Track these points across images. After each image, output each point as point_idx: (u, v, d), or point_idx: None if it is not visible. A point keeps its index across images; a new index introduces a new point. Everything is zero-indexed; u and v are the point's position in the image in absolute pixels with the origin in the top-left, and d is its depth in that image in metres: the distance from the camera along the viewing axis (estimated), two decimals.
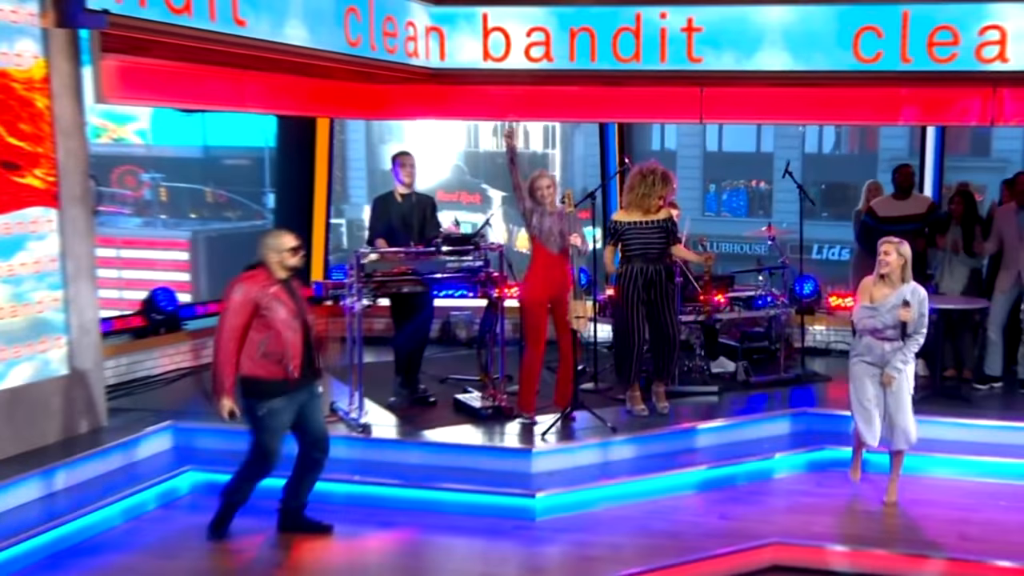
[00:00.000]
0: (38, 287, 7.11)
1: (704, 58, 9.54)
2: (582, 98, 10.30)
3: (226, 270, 17.04)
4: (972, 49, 9.03)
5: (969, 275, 8.98)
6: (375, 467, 7.24)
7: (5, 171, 6.74)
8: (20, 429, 6.90)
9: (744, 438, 7.86)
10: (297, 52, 8.14)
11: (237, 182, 27.98)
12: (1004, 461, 7.56)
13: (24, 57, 6.90)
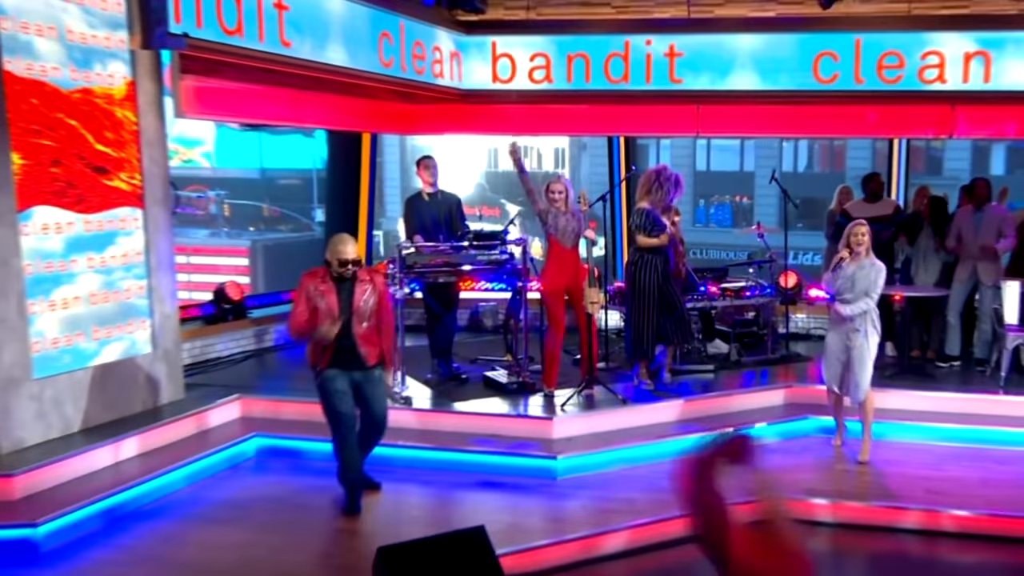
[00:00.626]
0: (126, 277, 7.14)
1: (684, 79, 9.55)
2: (583, 115, 10.25)
3: (279, 273, 17.16)
4: (915, 71, 9.11)
5: (941, 268, 8.94)
6: (416, 433, 7.22)
7: (96, 174, 6.80)
8: (111, 399, 6.96)
9: (738, 408, 7.84)
10: (337, 71, 8.09)
11: (289, 199, 28.19)
12: (963, 427, 7.55)
13: (115, 77, 6.96)
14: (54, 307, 6.55)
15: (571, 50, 9.69)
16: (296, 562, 5.34)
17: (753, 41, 9.43)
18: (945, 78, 9.07)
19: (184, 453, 6.72)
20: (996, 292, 8.52)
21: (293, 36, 7.48)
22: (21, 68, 6.22)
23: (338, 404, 5.93)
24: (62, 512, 5.59)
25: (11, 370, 6.21)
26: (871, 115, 9.67)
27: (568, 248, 7.56)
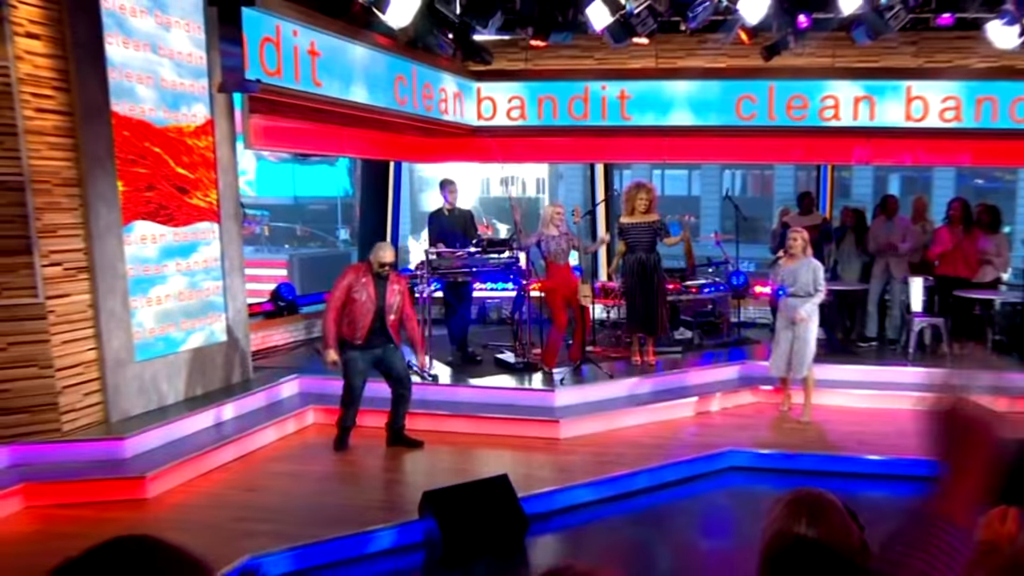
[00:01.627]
0: (206, 278, 7.15)
1: (633, 117, 9.61)
2: (564, 146, 10.26)
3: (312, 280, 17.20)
4: (816, 111, 9.25)
5: (861, 267, 9.06)
6: (443, 404, 7.20)
7: (179, 194, 6.81)
8: (196, 378, 6.96)
9: (701, 382, 7.83)
10: (360, 107, 7.99)
11: (318, 221, 28.10)
12: (881, 392, 7.59)
13: (197, 116, 6.99)
14: (151, 303, 6.57)
15: (541, 93, 9.77)
16: (357, 504, 5.38)
17: (688, 86, 9.53)
18: (840, 116, 9.24)
19: (257, 420, 6.73)
20: (904, 286, 8.64)
21: (323, 77, 7.45)
22: (125, 109, 6.27)
23: (355, 378, 6.19)
24: (165, 466, 5.62)
25: (118, 354, 6.23)
26: (788, 146, 9.82)
27: (562, 264, 7.63)
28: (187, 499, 5.44)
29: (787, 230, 9.21)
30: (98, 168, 6.05)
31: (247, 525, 4.94)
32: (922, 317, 8.35)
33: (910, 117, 9.15)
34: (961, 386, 1.19)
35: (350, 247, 25.83)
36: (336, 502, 5.38)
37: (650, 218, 7.81)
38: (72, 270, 5.97)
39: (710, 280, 9.19)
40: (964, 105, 9.03)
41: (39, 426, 5.76)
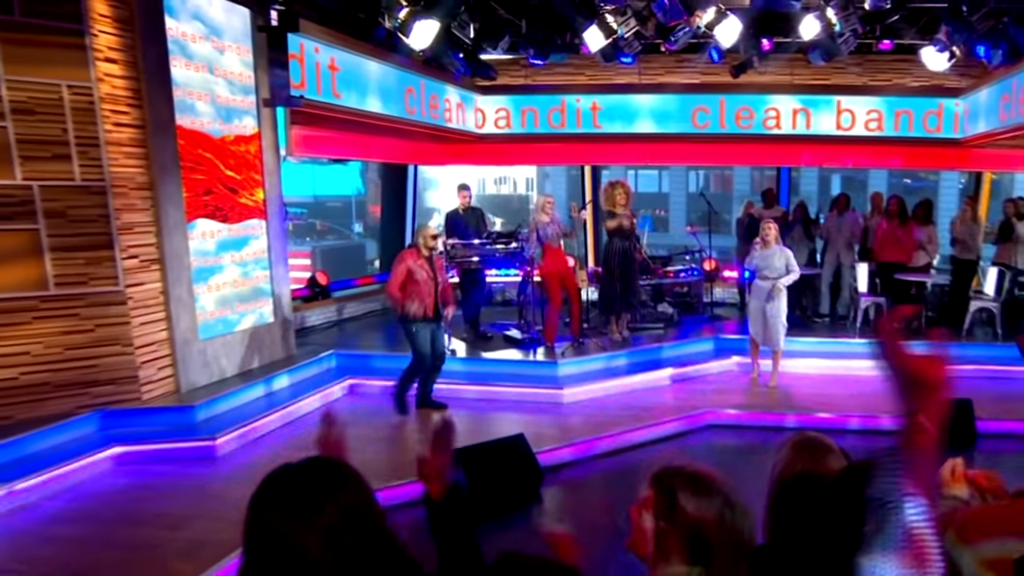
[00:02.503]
0: (255, 268, 7.25)
1: (603, 126, 9.71)
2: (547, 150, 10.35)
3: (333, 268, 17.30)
4: (761, 121, 9.41)
5: (808, 252, 9.24)
6: (460, 374, 7.25)
7: (231, 194, 6.88)
8: (249, 354, 7.08)
9: (683, 353, 7.94)
10: (380, 117, 8.00)
11: (334, 217, 28.05)
12: (834, 361, 7.74)
13: (247, 128, 7.06)
14: (210, 290, 6.68)
15: (524, 105, 9.85)
16: (396, 460, 5.52)
17: (650, 99, 9.65)
18: (780, 125, 9.41)
19: (302, 390, 6.85)
20: (852, 270, 8.83)
21: (342, 90, 7.46)
22: (187, 123, 6.35)
23: (423, 346, 6.20)
24: (230, 430, 5.78)
25: (185, 334, 6.35)
26: (740, 150, 9.91)
27: (556, 248, 7.72)
28: (249, 457, 5.59)
29: (753, 220, 9.43)
30: (165, 174, 6.15)
31: None
32: (867, 297, 8.53)
33: (840, 127, 9.34)
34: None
35: (364, 239, 25.87)
36: (376, 459, 5.51)
37: (627, 212, 7.89)
38: (146, 262, 6.09)
39: (686, 266, 9.32)
40: (885, 117, 9.25)
41: (123, 395, 5.90)
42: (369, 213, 27.31)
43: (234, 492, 4.81)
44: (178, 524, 4.41)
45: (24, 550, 4.10)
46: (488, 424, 6.34)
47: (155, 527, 4.38)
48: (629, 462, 5.82)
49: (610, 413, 6.48)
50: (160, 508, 4.64)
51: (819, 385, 7.21)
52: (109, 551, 4.07)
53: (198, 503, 4.73)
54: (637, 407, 6.62)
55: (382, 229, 11.76)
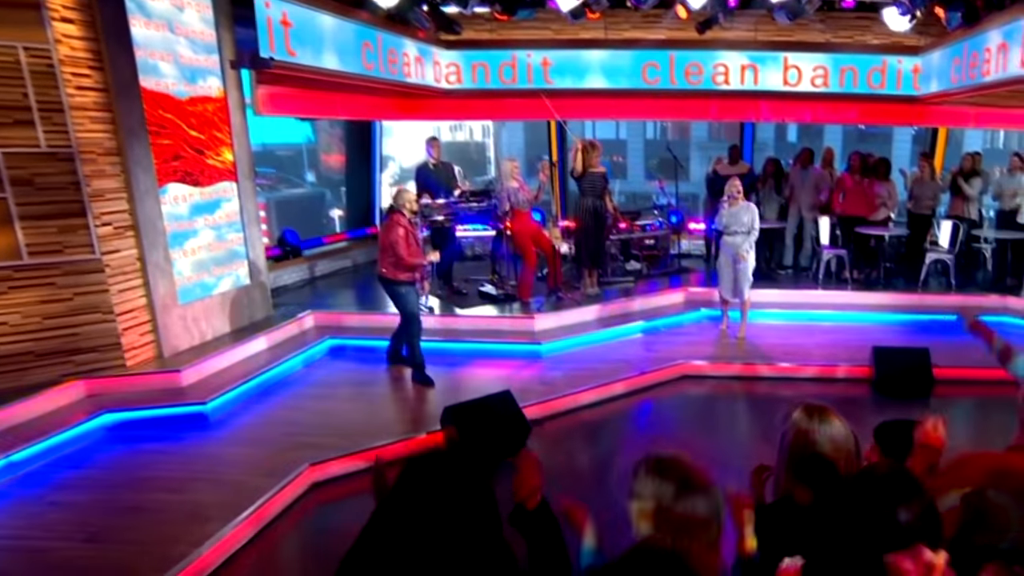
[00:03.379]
0: (229, 231, 7.28)
1: (554, 81, 9.64)
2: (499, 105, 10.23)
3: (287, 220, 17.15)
4: (710, 76, 9.51)
5: (778, 207, 9.58)
6: (439, 331, 7.43)
7: (198, 155, 6.80)
8: (228, 316, 7.17)
9: (652, 306, 8.22)
10: (334, 74, 7.68)
11: (285, 166, 27.47)
12: (798, 311, 8.12)
13: (212, 88, 6.99)
14: (186, 254, 6.72)
15: (475, 60, 9.69)
16: (385, 418, 5.74)
17: (601, 55, 9.63)
18: (729, 81, 9.52)
19: (285, 351, 6.96)
20: (815, 223, 9.19)
21: (297, 47, 7.11)
22: (152, 84, 6.28)
23: (414, 307, 6.33)
24: (219, 393, 5.91)
25: (165, 299, 6.41)
26: (692, 105, 10.04)
27: (526, 211, 7.89)
28: (242, 419, 5.73)
29: (718, 176, 9.69)
30: (133, 138, 6.10)
31: (298, 438, 5.27)
32: (829, 249, 8.92)
33: (787, 83, 9.49)
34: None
35: (318, 188, 25.36)
36: (367, 417, 5.72)
37: (599, 170, 8.09)
38: (120, 228, 6.10)
39: (654, 220, 9.56)
40: (831, 73, 9.43)
41: (107, 362, 5.99)
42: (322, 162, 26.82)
43: (230, 455, 5.04)
44: (180, 488, 4.58)
45: (34, 517, 4.24)
46: (471, 379, 6.54)
47: (158, 491, 4.54)
48: (610, 412, 6.16)
49: (588, 366, 6.74)
50: (160, 473, 4.79)
51: (784, 335, 7.57)
52: (119, 515, 4.24)
53: (196, 467, 4.88)
54: (613, 360, 6.90)
55: (348, 185, 11.75)
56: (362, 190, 11.40)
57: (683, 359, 6.87)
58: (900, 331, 7.68)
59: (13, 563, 3.77)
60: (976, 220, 9.17)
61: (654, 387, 6.57)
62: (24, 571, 3.71)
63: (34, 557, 3.82)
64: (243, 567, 4.01)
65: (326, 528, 4.45)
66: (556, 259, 8.10)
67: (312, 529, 4.47)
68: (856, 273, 8.92)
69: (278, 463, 4.84)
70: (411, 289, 6.28)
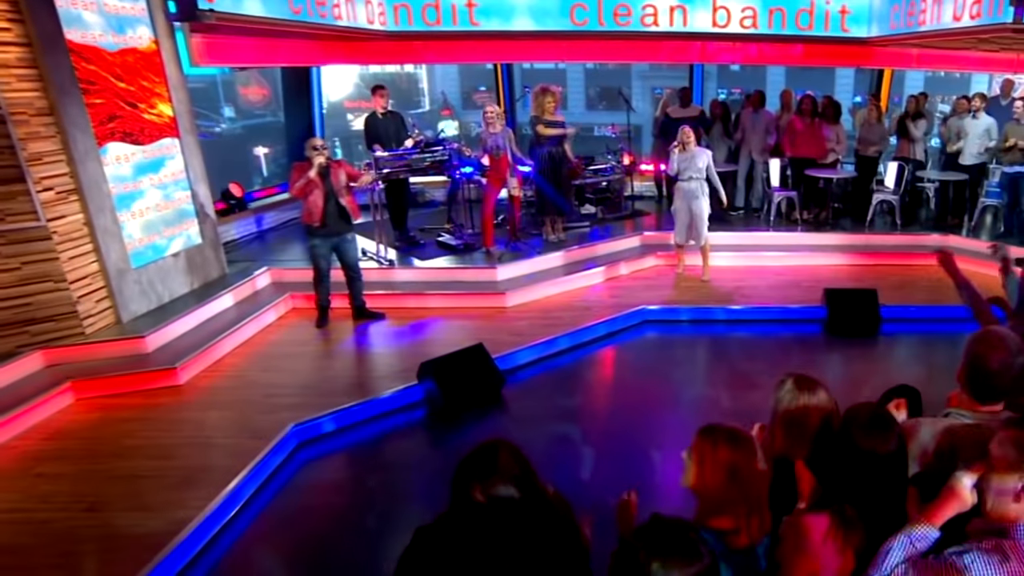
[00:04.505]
0: (176, 189, 7.32)
1: (480, 23, 9.70)
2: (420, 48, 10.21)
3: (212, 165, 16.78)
4: (639, 18, 9.72)
5: (728, 150, 10.07)
6: (401, 284, 7.72)
7: (132, 109, 6.77)
8: (183, 278, 7.29)
9: (611, 251, 8.62)
10: (259, 20, 7.50)
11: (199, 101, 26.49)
12: (751, 254, 8.67)
13: (143, 38, 6.91)
14: (135, 216, 6.76)
15: (397, 1, 9.60)
16: (359, 374, 6.09)
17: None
18: (658, 23, 9.74)
19: (248, 310, 7.15)
20: (765, 165, 9.71)
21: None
22: (78, 37, 6.19)
23: (321, 261, 6.85)
24: (189, 357, 6.09)
25: (118, 264, 6.50)
26: (627, 47, 10.21)
27: (499, 158, 8.09)
28: (215, 382, 5.97)
29: (669, 118, 10.09)
30: (65, 96, 6.04)
31: (277, 400, 5.57)
32: (780, 191, 9.49)
33: (716, 24, 9.76)
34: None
35: (235, 124, 24.53)
36: (340, 375, 6.06)
37: (558, 118, 8.38)
38: (63, 193, 6.11)
39: (607, 164, 9.93)
40: (759, 14, 9.75)
41: (66, 331, 6.09)
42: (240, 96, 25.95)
43: (211, 419, 5.33)
44: (168, 454, 4.86)
45: (26, 490, 4.47)
46: (439, 332, 6.87)
47: (147, 458, 4.81)
48: (577, 358, 6.63)
49: (553, 314, 7.16)
50: (143, 441, 5.04)
51: (740, 278, 8.13)
52: (113, 484, 4.51)
53: (181, 432, 5.16)
54: (577, 307, 7.35)
55: (288, 134, 11.70)
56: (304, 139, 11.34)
57: (644, 304, 7.33)
58: (849, 270, 8.37)
59: (21, 535, 4.03)
60: (922, 161, 9.79)
61: (618, 332, 7.04)
62: (36, 543, 3.97)
63: (39, 529, 4.08)
64: (247, 526, 4.36)
65: (317, 484, 4.84)
66: (516, 208, 8.39)
67: (303, 486, 4.82)
68: (806, 214, 9.54)
69: (262, 425, 5.15)
70: (316, 241, 6.73)
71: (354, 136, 25.98)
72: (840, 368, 6.36)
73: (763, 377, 5.92)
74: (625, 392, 6.06)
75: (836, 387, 2.48)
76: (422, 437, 5.47)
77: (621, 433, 5.27)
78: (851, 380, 5.93)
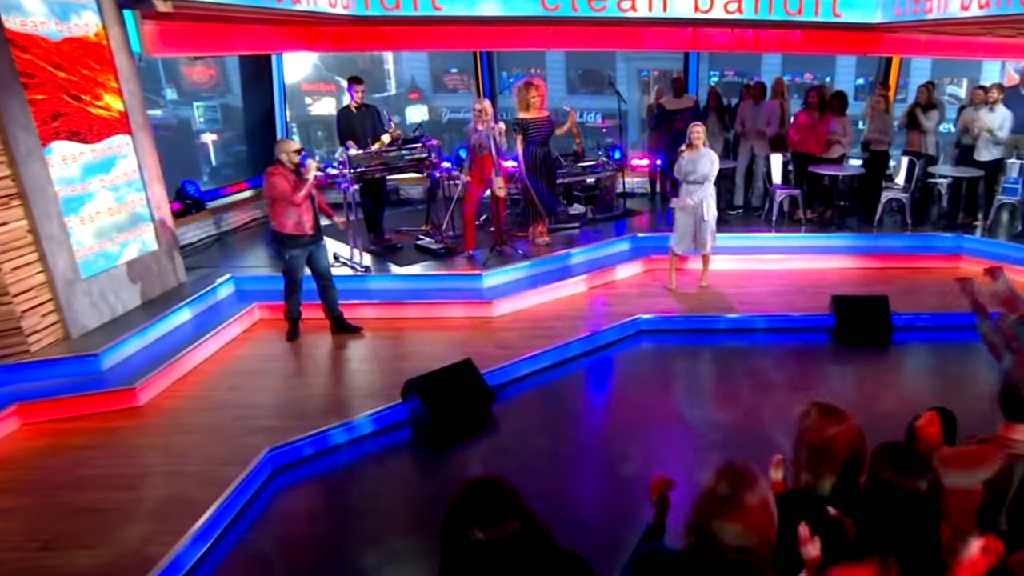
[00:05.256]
0: (129, 191, 7.28)
1: (443, 7, 9.51)
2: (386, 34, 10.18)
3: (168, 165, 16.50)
4: (615, 4, 9.56)
5: (724, 143, 10.18)
6: (377, 293, 7.71)
7: (76, 103, 6.67)
8: (137, 287, 7.25)
9: (601, 255, 8.66)
10: (217, 7, 7.50)
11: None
12: (751, 256, 8.71)
13: (89, 26, 6.86)
14: (84, 222, 6.72)
15: None
16: (341, 393, 6.10)
17: None
18: (636, 8, 9.54)
19: (210, 321, 7.11)
20: (766, 160, 9.81)
21: None
22: (17, 25, 6.12)
23: (298, 272, 6.86)
24: (148, 375, 6.05)
25: (66, 273, 6.44)
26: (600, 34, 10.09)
27: (483, 156, 8.10)
28: (178, 403, 5.93)
29: (663, 109, 10.18)
30: (5, 91, 5.98)
31: (248, 422, 5.55)
32: (782, 189, 9.60)
33: (698, 9, 9.60)
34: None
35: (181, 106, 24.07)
36: (317, 393, 6.06)
37: (543, 113, 8.41)
38: (4, 198, 6.05)
39: (597, 161, 10.00)
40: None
41: (9, 349, 6.05)
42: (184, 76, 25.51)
43: (177, 445, 5.30)
44: (130, 484, 4.82)
45: None
46: (421, 345, 6.90)
47: (106, 489, 4.76)
48: (568, 372, 6.67)
49: (544, 324, 7.21)
50: (101, 470, 4.99)
51: (740, 283, 8.20)
52: (71, 519, 4.46)
53: (141, 460, 5.12)
54: (568, 316, 7.40)
55: (247, 128, 11.64)
56: (265, 132, 11.31)
57: (640, 312, 7.37)
58: (856, 273, 8.49)
59: None
60: (933, 155, 9.83)
61: (613, 344, 7.10)
62: None
63: None
64: (221, 560, 4.35)
65: (295, 513, 4.85)
66: (501, 208, 8.43)
67: (281, 515, 4.82)
68: (810, 213, 9.66)
69: (234, 450, 5.13)
70: (296, 251, 6.70)
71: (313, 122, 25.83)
72: (852, 382, 6.46)
73: (768, 392, 6.10)
74: (621, 409, 6.10)
75: (851, 403, 2.56)
76: (408, 460, 5.48)
77: (618, 454, 5.31)
78: (866, 395, 6.02)
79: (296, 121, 22.46)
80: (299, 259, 6.80)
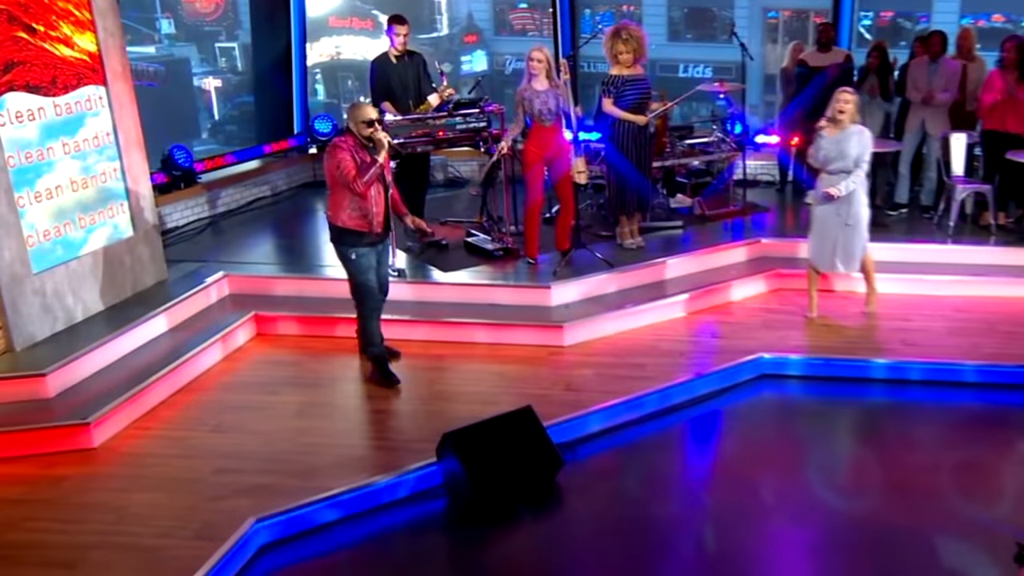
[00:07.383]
0: (99, 159, 7.29)
1: None
2: None
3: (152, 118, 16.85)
4: None
5: (884, 118, 9.66)
6: (411, 307, 7.58)
7: (31, 33, 6.60)
8: (104, 286, 7.25)
9: (714, 265, 8.36)
10: None
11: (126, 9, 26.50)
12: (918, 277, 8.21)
13: None
14: (40, 198, 6.69)
15: None
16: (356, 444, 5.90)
17: None
18: None
19: (192, 336, 7.06)
20: (943, 143, 9.23)
21: None
22: None
23: (369, 275, 6.43)
24: (107, 407, 5.94)
25: (12, 267, 6.41)
26: None
27: (547, 126, 7.83)
28: (145, 447, 5.84)
29: (805, 69, 9.72)
30: None
31: (231, 478, 5.41)
32: (964, 182, 9.04)
33: None
34: None
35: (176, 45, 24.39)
36: (326, 442, 5.87)
37: (638, 71, 8.13)
38: None
39: (710, 137, 9.71)
40: None
41: None
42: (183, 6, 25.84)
43: (137, 505, 5.16)
44: (72, 559, 4.66)
45: None
46: (464, 383, 6.74)
47: (40, 565, 4.61)
48: (663, 429, 6.37)
49: (630, 361, 6.93)
50: (37, 535, 4.86)
51: (903, 314, 7.74)
52: None
53: (88, 523, 4.97)
54: (664, 351, 7.11)
55: (257, 80, 11.66)
56: (279, 85, 11.31)
57: (763, 350, 7.03)
58: None
59: None
60: None
61: (724, 392, 6.79)
62: None
63: None
64: None
65: None
66: (572, 204, 8.15)
67: None
68: (1003, 218, 9.09)
69: (211, 517, 4.97)
70: (362, 250, 6.34)
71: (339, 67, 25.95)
72: None
73: (936, 477, 5.71)
74: (731, 487, 5.74)
75: None
76: (439, 544, 5.27)
77: (723, 551, 5.07)
78: None
79: (320, 67, 22.55)
80: (368, 257, 6.41)
